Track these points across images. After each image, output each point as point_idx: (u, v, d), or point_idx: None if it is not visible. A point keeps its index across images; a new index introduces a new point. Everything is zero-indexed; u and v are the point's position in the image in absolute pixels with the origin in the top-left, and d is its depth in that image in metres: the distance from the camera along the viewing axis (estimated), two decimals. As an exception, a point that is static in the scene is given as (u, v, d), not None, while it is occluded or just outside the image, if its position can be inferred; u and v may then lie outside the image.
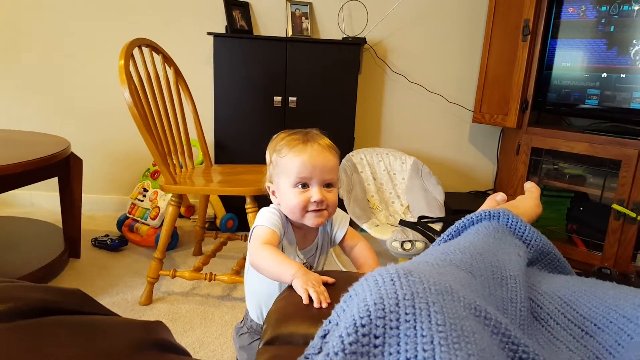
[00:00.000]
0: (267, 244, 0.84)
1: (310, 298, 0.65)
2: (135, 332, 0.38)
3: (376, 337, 0.34)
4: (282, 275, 0.75)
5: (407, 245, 1.70)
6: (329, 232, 1.01)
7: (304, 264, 0.97)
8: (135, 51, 1.52)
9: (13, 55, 2.33)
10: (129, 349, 0.35)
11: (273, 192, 0.96)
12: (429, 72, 2.45)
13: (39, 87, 2.37)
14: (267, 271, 0.82)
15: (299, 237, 0.97)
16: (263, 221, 0.91)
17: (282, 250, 0.94)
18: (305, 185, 0.90)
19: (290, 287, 0.71)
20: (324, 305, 0.63)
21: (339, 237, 1.00)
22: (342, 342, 0.34)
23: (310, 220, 0.91)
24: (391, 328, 0.34)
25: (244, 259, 1.79)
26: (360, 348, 0.33)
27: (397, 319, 0.34)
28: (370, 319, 0.35)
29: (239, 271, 1.67)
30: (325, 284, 0.69)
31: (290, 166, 0.89)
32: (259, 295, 0.96)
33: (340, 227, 1.00)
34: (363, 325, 0.34)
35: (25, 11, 2.28)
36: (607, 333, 0.44)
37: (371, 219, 2.01)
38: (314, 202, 0.88)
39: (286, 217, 0.94)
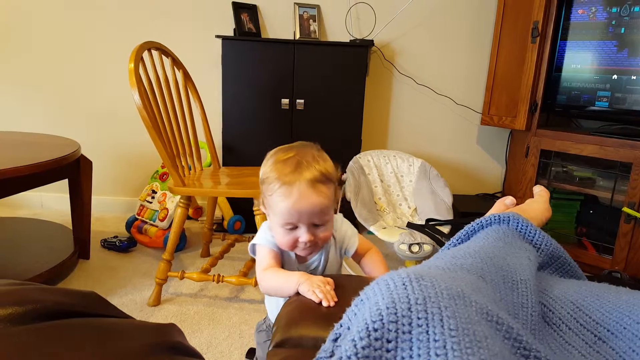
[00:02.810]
0: (268, 269, 0.85)
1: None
2: (149, 334, 0.38)
3: (389, 341, 0.34)
4: (290, 289, 0.75)
5: (415, 248, 1.70)
6: (336, 247, 0.97)
7: None
8: (145, 54, 1.53)
9: (23, 57, 2.36)
10: (143, 352, 0.35)
11: (268, 215, 0.91)
12: (436, 74, 2.44)
13: (49, 90, 2.40)
14: (275, 292, 0.83)
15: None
16: (261, 240, 0.89)
17: (283, 265, 0.92)
18: (294, 226, 0.84)
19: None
20: (331, 304, 0.65)
21: (349, 254, 0.97)
22: (355, 346, 0.34)
23: (300, 252, 0.88)
24: (404, 332, 0.34)
25: (252, 260, 1.79)
26: (373, 352, 0.33)
27: (410, 324, 0.34)
28: (383, 323, 0.35)
29: (247, 273, 1.68)
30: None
31: (276, 208, 0.83)
32: (275, 297, 0.97)
33: (349, 245, 0.96)
34: (375, 330, 0.34)
35: (35, 13, 2.31)
36: (620, 339, 0.44)
37: (378, 221, 2.01)
38: (302, 242, 0.84)
39: None
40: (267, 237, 0.90)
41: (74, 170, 1.79)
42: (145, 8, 2.31)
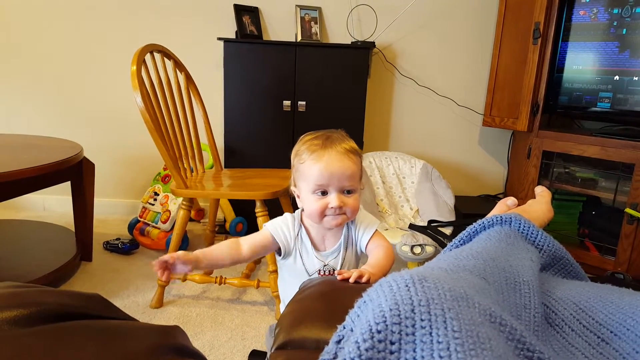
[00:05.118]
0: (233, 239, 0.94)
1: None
2: (154, 336, 0.38)
3: (392, 343, 0.34)
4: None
5: (417, 250, 1.70)
6: (354, 237, 0.98)
7: (324, 266, 0.97)
8: (147, 57, 1.54)
9: (25, 60, 2.37)
10: (147, 354, 0.35)
11: (298, 196, 0.97)
12: (438, 76, 2.44)
13: (52, 92, 2.41)
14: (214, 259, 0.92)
15: (317, 239, 0.98)
16: (270, 224, 0.97)
17: (301, 255, 0.96)
18: (324, 192, 0.91)
19: (302, 290, 0.71)
20: (163, 278, 0.81)
21: (363, 243, 0.97)
22: (358, 347, 0.34)
23: (327, 223, 0.93)
24: (407, 334, 0.34)
25: (254, 262, 1.79)
26: (377, 354, 0.33)
27: (413, 325, 0.34)
28: (386, 325, 0.35)
29: (249, 275, 1.68)
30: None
31: (308, 173, 0.91)
32: (285, 298, 0.98)
33: (365, 232, 0.97)
34: (379, 331, 0.34)
35: (38, 15, 2.32)
36: (623, 340, 0.44)
37: (380, 222, 2.01)
38: (332, 207, 0.90)
39: (300, 222, 0.97)
40: (277, 223, 0.97)
41: (76, 173, 1.80)
42: (147, 10, 2.31)
